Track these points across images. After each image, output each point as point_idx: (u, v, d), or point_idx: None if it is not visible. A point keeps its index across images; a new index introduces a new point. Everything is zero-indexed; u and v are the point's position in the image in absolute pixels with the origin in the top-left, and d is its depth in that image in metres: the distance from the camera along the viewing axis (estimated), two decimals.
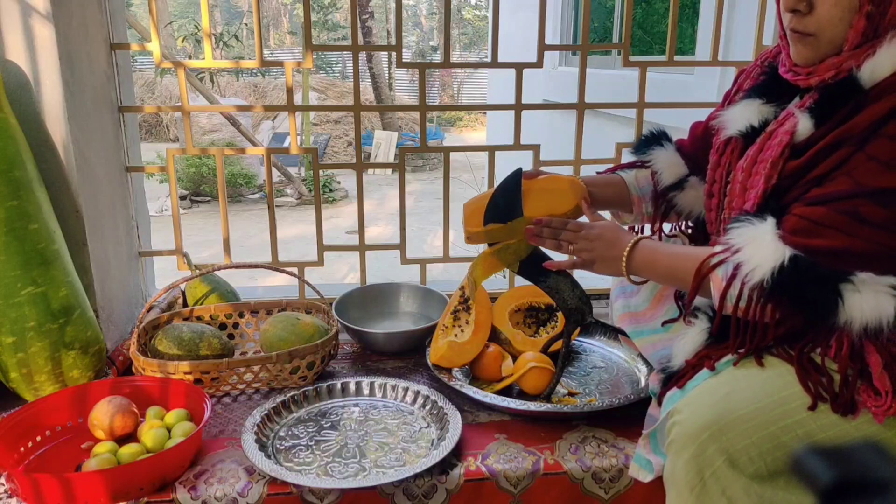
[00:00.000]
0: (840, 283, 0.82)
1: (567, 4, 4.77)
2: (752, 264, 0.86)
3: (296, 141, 1.62)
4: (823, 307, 0.83)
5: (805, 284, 0.83)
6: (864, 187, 0.82)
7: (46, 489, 0.94)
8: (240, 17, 17.79)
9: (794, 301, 0.85)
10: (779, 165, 0.91)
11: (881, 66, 0.84)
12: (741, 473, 0.83)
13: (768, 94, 1.00)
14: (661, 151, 1.24)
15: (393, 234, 6.27)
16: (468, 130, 13.89)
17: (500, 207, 1.21)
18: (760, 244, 0.86)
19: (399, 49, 1.60)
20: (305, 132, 9.19)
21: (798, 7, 0.88)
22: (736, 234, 0.90)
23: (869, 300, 0.81)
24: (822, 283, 0.83)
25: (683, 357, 1.00)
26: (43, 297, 1.18)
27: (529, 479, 1.07)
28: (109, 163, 1.50)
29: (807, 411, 0.84)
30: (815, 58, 0.91)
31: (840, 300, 0.82)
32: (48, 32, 1.25)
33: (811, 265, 0.83)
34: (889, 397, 0.82)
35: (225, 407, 1.26)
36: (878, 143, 0.82)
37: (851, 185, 0.83)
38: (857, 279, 0.81)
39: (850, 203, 0.83)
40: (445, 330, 1.38)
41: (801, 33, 0.90)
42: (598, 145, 1.82)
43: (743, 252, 0.88)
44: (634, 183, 1.27)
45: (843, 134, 0.85)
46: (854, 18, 0.85)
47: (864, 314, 0.81)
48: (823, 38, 0.89)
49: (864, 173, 0.82)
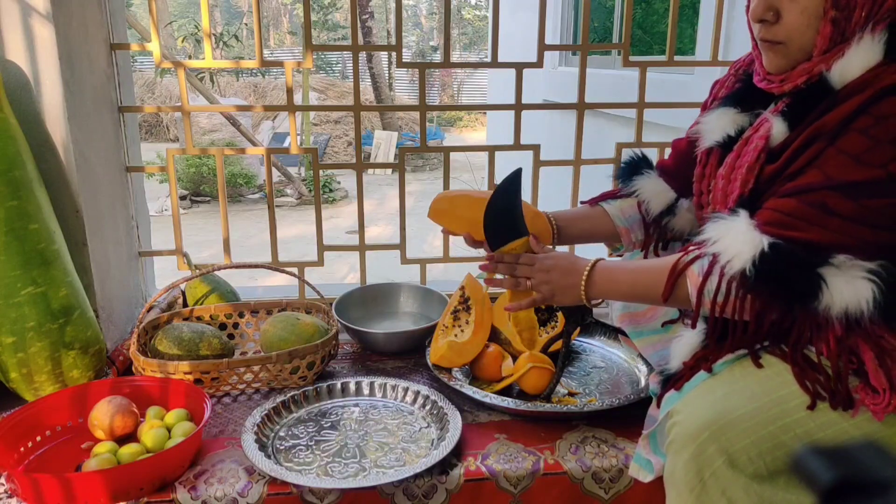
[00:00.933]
0: (820, 266, 0.82)
1: (567, 4, 4.77)
2: (731, 254, 0.86)
3: (296, 141, 1.62)
4: (806, 292, 0.83)
5: (787, 270, 0.83)
6: (833, 180, 0.83)
7: (46, 489, 0.94)
8: (240, 17, 17.80)
9: (776, 288, 0.85)
10: (755, 170, 0.92)
11: (850, 68, 0.85)
12: (741, 473, 0.83)
13: (742, 102, 1.01)
14: (644, 180, 1.24)
15: (393, 234, 6.28)
16: (468, 130, 13.89)
17: (498, 225, 1.19)
18: (736, 235, 0.87)
19: (399, 49, 1.60)
20: (305, 132, 9.19)
21: (766, 17, 0.90)
22: (710, 228, 0.90)
23: (848, 283, 0.81)
24: (803, 268, 0.83)
25: (680, 359, 1.00)
26: (43, 297, 1.18)
27: (529, 479, 1.07)
28: (109, 163, 1.50)
29: (805, 410, 0.84)
30: (787, 65, 0.93)
31: (823, 283, 0.82)
32: (48, 32, 1.25)
33: (790, 251, 0.84)
34: (887, 394, 0.82)
35: (225, 407, 1.26)
36: (849, 138, 0.83)
37: (821, 178, 0.84)
38: (837, 261, 0.82)
39: (818, 195, 0.84)
40: (445, 330, 1.38)
41: (771, 42, 0.92)
42: (598, 145, 1.82)
43: (719, 243, 0.88)
44: (619, 214, 1.27)
45: (814, 132, 0.86)
46: (820, 25, 0.87)
47: (844, 297, 0.81)
48: (793, 46, 0.90)
49: (835, 167, 0.83)
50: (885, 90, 0.81)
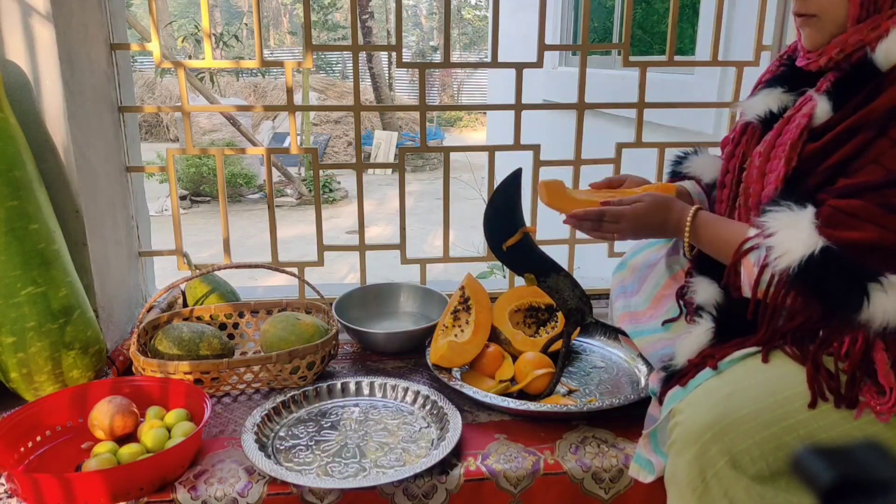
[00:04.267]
0: (869, 281, 0.82)
1: (567, 4, 4.77)
2: (783, 249, 0.86)
3: (296, 141, 1.62)
4: (846, 303, 0.82)
5: (831, 278, 0.83)
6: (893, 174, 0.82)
7: (46, 489, 0.94)
8: (240, 17, 17.79)
9: (815, 292, 0.84)
10: (798, 148, 0.92)
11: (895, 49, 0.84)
12: (743, 474, 0.83)
13: (788, 83, 1.00)
14: (696, 158, 1.24)
15: (393, 234, 6.27)
16: (468, 130, 13.88)
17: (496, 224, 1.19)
18: (795, 231, 0.86)
19: (399, 49, 1.60)
20: (305, 132, 9.19)
21: None
22: (772, 217, 0.89)
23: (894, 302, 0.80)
24: (850, 280, 0.82)
25: (686, 356, 1.00)
26: (43, 297, 1.18)
27: (529, 480, 1.07)
28: (109, 163, 1.50)
29: (809, 412, 0.84)
30: (823, 39, 0.93)
31: (866, 298, 0.81)
32: (48, 33, 1.25)
33: (841, 260, 0.83)
34: (894, 394, 0.82)
35: (225, 407, 1.26)
36: None
37: (883, 174, 0.83)
38: (887, 281, 0.81)
39: (882, 193, 0.82)
40: (445, 330, 1.38)
41: (805, 16, 0.93)
42: (598, 145, 1.82)
43: (776, 237, 0.87)
44: (694, 190, 1.25)
45: (862, 118, 0.85)
46: None
47: (888, 315, 0.81)
48: (826, 18, 0.91)
49: (893, 159, 0.82)
50: None
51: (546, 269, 1.24)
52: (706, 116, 2.29)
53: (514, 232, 1.22)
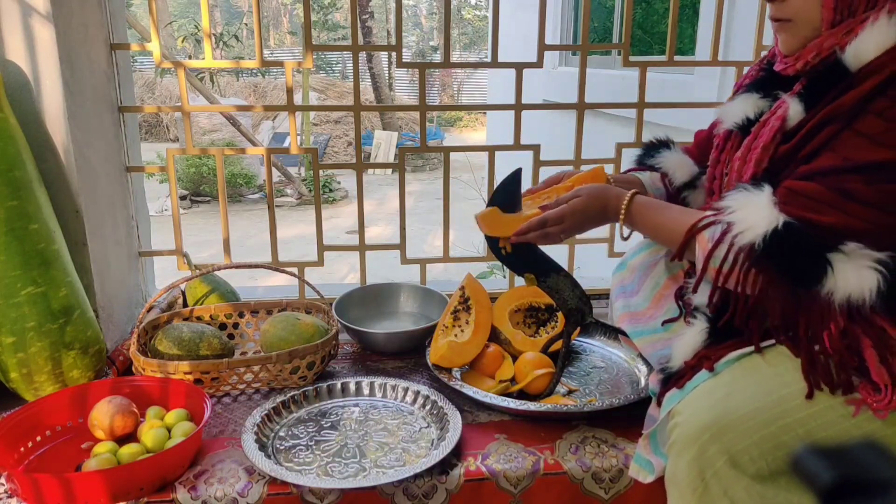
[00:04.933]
0: (829, 252, 0.83)
1: (567, 4, 4.77)
2: (745, 225, 0.87)
3: (296, 141, 1.62)
4: (811, 274, 0.83)
5: (795, 250, 0.84)
6: (850, 161, 0.83)
7: (46, 489, 0.94)
8: (240, 17, 17.79)
9: (781, 266, 0.85)
10: (770, 150, 0.93)
11: (865, 49, 0.85)
12: (742, 474, 0.83)
13: (764, 88, 1.01)
14: (668, 153, 1.25)
15: (393, 234, 6.27)
16: (468, 130, 13.89)
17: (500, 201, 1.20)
18: (755, 208, 0.87)
19: (399, 49, 1.60)
20: (305, 132, 9.19)
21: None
22: (731, 198, 0.90)
23: (855, 271, 0.82)
24: (812, 251, 0.83)
25: (682, 358, 1.00)
26: (43, 297, 1.18)
27: (529, 480, 1.07)
28: (109, 163, 1.50)
29: (807, 409, 0.84)
30: (798, 43, 0.94)
31: (829, 267, 0.82)
32: (48, 33, 1.25)
33: (803, 233, 0.84)
34: (889, 391, 0.82)
35: (225, 407, 1.26)
36: (866, 120, 0.83)
37: (838, 161, 0.84)
38: (847, 249, 0.82)
39: (836, 179, 0.84)
40: (445, 330, 1.38)
41: (781, 20, 0.93)
42: (598, 145, 1.82)
43: (736, 214, 0.88)
44: (651, 183, 1.27)
45: (830, 112, 0.86)
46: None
47: (849, 285, 0.82)
48: (801, 22, 0.91)
49: (852, 148, 0.83)
50: None
51: (546, 269, 1.24)
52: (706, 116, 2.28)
53: None
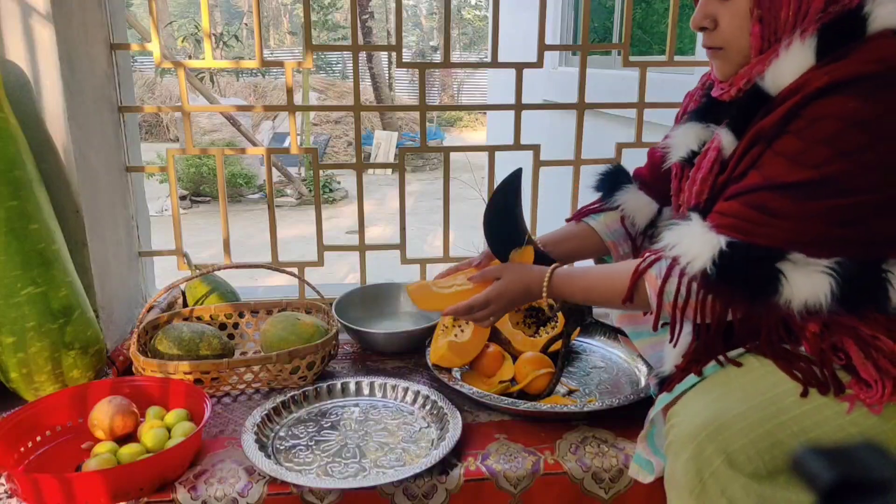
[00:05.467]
0: (777, 261, 0.84)
1: (567, 4, 4.77)
2: (690, 255, 0.88)
3: (296, 141, 1.62)
4: (765, 287, 0.84)
5: (747, 266, 0.85)
6: (770, 181, 0.84)
7: (46, 489, 0.94)
8: (240, 17, 17.79)
9: (738, 285, 0.86)
10: (709, 181, 0.95)
11: (782, 74, 0.87)
12: (740, 473, 0.83)
13: (706, 116, 1.03)
14: (626, 195, 1.26)
15: (393, 234, 6.27)
16: (468, 130, 13.89)
17: (497, 225, 1.20)
18: (693, 238, 0.88)
19: (399, 49, 1.60)
20: (305, 132, 9.19)
21: (704, 24, 0.94)
22: (667, 235, 0.92)
23: (805, 277, 0.83)
24: (762, 263, 0.84)
25: (673, 362, 1.01)
26: (43, 297, 1.18)
27: (529, 480, 1.07)
28: (109, 163, 1.50)
29: (801, 407, 0.84)
30: (731, 70, 0.95)
31: (783, 276, 0.83)
32: (48, 33, 1.25)
33: (748, 247, 0.85)
34: (879, 385, 0.83)
35: (225, 407, 1.26)
36: (784, 140, 0.84)
37: (759, 179, 0.86)
38: (793, 257, 0.83)
39: (757, 196, 0.85)
40: (445, 330, 1.38)
41: (713, 48, 0.95)
42: (598, 145, 1.82)
43: (678, 247, 0.90)
44: (605, 230, 1.28)
45: (754, 136, 0.88)
46: (750, 25, 0.89)
47: (803, 291, 0.83)
48: (732, 50, 0.93)
49: (771, 167, 0.85)
50: (816, 92, 0.82)
51: None
52: None
53: (514, 232, 1.22)
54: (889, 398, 0.82)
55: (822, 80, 0.82)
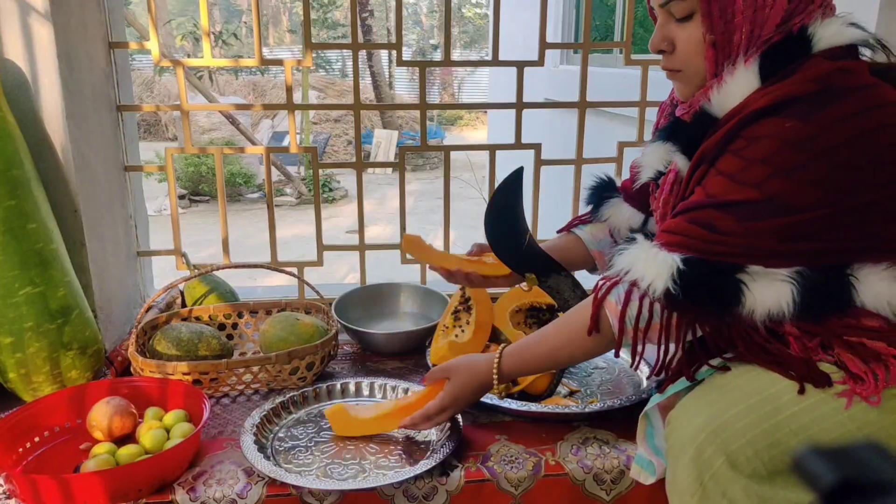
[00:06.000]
0: (737, 273, 0.84)
1: (568, 2, 4.77)
2: (649, 277, 0.87)
3: (295, 140, 1.61)
4: (729, 297, 0.84)
5: (707, 280, 0.85)
6: (713, 199, 0.85)
7: (45, 490, 0.93)
8: (239, 16, 17.77)
9: (702, 300, 0.86)
10: (670, 202, 0.97)
11: (728, 97, 0.88)
12: (740, 473, 0.82)
13: (672, 136, 1.03)
14: (612, 209, 1.27)
15: (393, 233, 6.27)
16: (469, 129, 13.88)
17: (498, 224, 1.20)
18: (646, 259, 0.88)
19: (399, 47, 1.60)
20: (305, 131, 9.18)
21: (662, 47, 0.95)
22: (618, 261, 0.92)
23: (766, 287, 0.83)
24: (721, 276, 0.85)
25: None
26: (41, 297, 1.17)
27: (530, 481, 1.06)
28: (108, 162, 1.50)
29: (798, 405, 0.84)
30: (690, 91, 0.96)
31: (744, 286, 0.83)
32: (46, 31, 1.24)
33: (705, 262, 0.85)
34: (870, 376, 0.83)
35: (224, 408, 1.25)
36: (725, 159, 0.86)
37: (703, 197, 0.87)
38: (751, 269, 0.84)
39: (702, 213, 0.86)
40: (446, 330, 1.37)
41: (671, 70, 0.96)
42: (599, 144, 1.81)
43: (633, 271, 0.89)
44: (591, 239, 1.29)
45: (700, 156, 0.90)
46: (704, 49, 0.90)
47: (766, 300, 0.83)
48: (689, 72, 0.94)
49: (714, 185, 0.86)
50: (756, 113, 0.83)
51: (547, 269, 1.24)
52: None
53: (516, 232, 1.21)
54: (884, 386, 0.82)
55: (762, 102, 0.83)
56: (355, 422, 1.14)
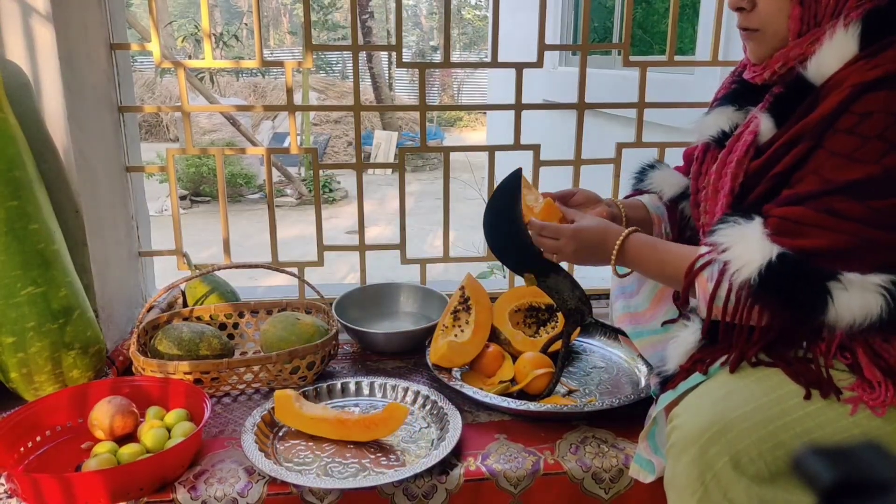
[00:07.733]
0: (828, 281, 0.82)
1: (567, 4, 4.77)
2: (741, 262, 0.86)
3: (296, 141, 1.62)
4: (812, 305, 0.83)
5: (793, 282, 0.83)
6: (832, 183, 0.83)
7: (46, 489, 0.94)
8: (240, 17, 17.78)
9: (781, 299, 0.85)
10: (744, 164, 0.93)
11: (826, 63, 0.86)
12: (742, 474, 0.82)
13: (738, 100, 1.02)
14: (656, 172, 1.26)
15: (393, 234, 6.27)
16: (468, 130, 13.87)
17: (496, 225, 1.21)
18: (748, 243, 0.87)
19: (399, 49, 1.60)
20: (305, 132, 9.18)
21: (741, 5, 0.93)
22: (722, 234, 0.90)
23: (857, 298, 0.81)
24: (811, 281, 0.83)
25: (677, 361, 1.00)
26: (43, 298, 1.18)
27: (529, 480, 1.07)
28: (109, 163, 1.50)
29: (805, 409, 0.84)
30: (766, 53, 0.94)
31: (830, 298, 0.82)
32: (48, 32, 1.25)
33: (799, 263, 0.83)
34: (883, 388, 0.82)
35: (225, 407, 1.26)
36: (836, 139, 0.83)
37: (820, 183, 0.84)
38: (845, 278, 0.82)
39: (823, 200, 0.84)
40: (445, 330, 1.38)
41: (749, 30, 0.94)
42: (598, 145, 1.82)
43: (730, 251, 0.88)
44: (651, 203, 1.27)
45: (799, 131, 0.87)
46: (790, 7, 0.88)
47: (853, 312, 0.81)
48: (769, 32, 0.92)
49: (830, 169, 0.83)
50: (863, 87, 0.81)
51: (546, 269, 1.24)
52: None
53: (515, 232, 1.21)
54: (892, 401, 0.82)
55: (871, 75, 0.80)
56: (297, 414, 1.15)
